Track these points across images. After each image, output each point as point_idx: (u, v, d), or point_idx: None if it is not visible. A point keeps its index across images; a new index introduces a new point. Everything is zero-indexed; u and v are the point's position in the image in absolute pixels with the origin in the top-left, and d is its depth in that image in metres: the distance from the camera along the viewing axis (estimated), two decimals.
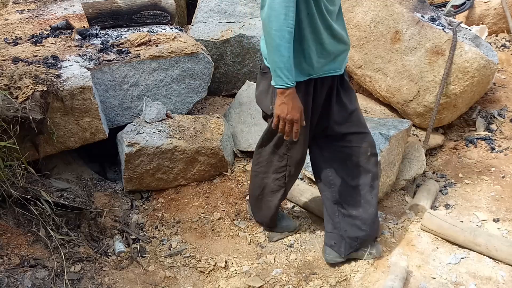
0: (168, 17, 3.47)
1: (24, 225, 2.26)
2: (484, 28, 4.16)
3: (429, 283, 2.19)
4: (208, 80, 3.23)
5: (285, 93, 1.77)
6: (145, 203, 2.82)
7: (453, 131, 3.39)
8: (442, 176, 3.02)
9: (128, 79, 2.94)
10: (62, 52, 2.95)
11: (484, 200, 2.79)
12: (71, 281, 2.09)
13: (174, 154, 2.77)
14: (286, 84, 1.74)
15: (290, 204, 2.76)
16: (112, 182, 2.96)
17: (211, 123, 2.99)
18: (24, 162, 2.29)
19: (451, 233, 2.39)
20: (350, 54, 3.47)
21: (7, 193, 2.19)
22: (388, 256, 2.36)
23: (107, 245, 2.47)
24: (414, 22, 3.08)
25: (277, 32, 1.66)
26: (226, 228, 2.62)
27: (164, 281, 2.26)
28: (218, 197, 2.80)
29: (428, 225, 2.46)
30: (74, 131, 2.61)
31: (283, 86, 1.75)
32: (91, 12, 3.30)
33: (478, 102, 3.48)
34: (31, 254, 2.12)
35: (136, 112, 3.03)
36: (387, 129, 2.74)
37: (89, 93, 2.56)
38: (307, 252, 2.42)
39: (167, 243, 2.51)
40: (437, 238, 2.45)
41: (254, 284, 2.22)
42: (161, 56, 2.99)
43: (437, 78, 2.99)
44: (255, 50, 3.59)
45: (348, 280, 2.24)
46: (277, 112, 1.82)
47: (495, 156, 3.14)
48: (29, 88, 2.32)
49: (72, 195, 2.48)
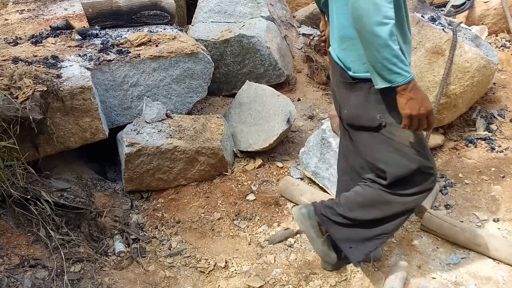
0: (168, 17, 3.47)
1: (24, 225, 2.26)
2: (484, 28, 4.16)
3: (429, 283, 2.19)
4: (208, 80, 3.23)
5: (409, 87, 1.55)
6: (145, 203, 2.82)
7: (453, 131, 3.38)
8: (442, 176, 3.02)
9: (128, 79, 2.94)
10: (62, 52, 2.95)
11: (484, 200, 2.78)
12: (71, 281, 2.09)
13: (174, 154, 2.77)
14: (406, 78, 1.53)
15: (290, 204, 2.76)
16: (112, 182, 2.96)
17: (211, 123, 2.99)
18: (24, 162, 2.29)
19: (451, 233, 2.39)
20: None
21: (7, 193, 2.19)
22: (388, 256, 2.36)
23: (107, 245, 2.47)
24: (414, 22, 3.08)
25: (381, 25, 1.47)
26: (226, 228, 2.62)
27: (164, 281, 2.26)
28: (218, 197, 2.80)
29: (428, 225, 2.46)
30: (74, 131, 2.61)
31: (405, 81, 1.53)
32: (91, 12, 3.30)
33: (478, 102, 3.47)
34: (31, 254, 2.12)
35: (136, 112, 3.03)
36: None
37: (89, 93, 2.56)
38: (307, 252, 2.42)
39: (167, 243, 2.51)
40: (437, 238, 2.45)
41: (254, 284, 2.22)
42: (161, 56, 2.99)
43: (437, 78, 2.99)
44: (255, 50, 3.59)
45: (348, 280, 2.24)
46: (407, 112, 1.58)
47: (495, 156, 3.14)
48: (29, 88, 2.32)
49: (72, 195, 2.48)
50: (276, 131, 2.96)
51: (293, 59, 4.12)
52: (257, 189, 2.85)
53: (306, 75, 4.08)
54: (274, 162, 3.05)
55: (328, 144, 2.67)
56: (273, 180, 2.92)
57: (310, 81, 4.03)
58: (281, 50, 3.82)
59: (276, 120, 3.00)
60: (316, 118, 3.59)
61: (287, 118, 2.95)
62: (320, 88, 3.99)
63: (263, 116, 3.07)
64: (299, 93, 3.91)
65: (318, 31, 4.16)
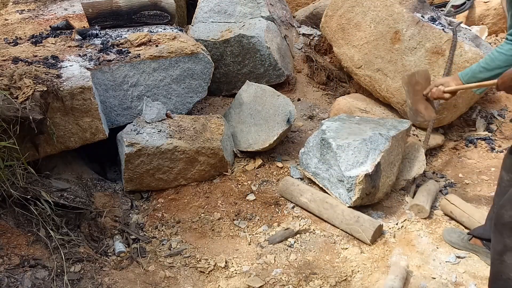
0: (168, 17, 3.47)
1: (24, 225, 2.26)
2: (484, 28, 4.16)
3: (429, 283, 2.19)
4: (208, 80, 3.23)
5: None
6: (145, 203, 2.82)
7: (453, 131, 3.38)
8: (442, 176, 3.02)
9: (128, 79, 2.94)
10: (62, 52, 2.95)
11: (484, 200, 2.79)
12: (71, 281, 2.09)
13: (174, 154, 2.77)
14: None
15: (290, 204, 2.76)
16: (112, 182, 2.96)
17: (211, 123, 2.99)
18: (24, 162, 2.29)
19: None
20: (350, 54, 3.47)
21: (7, 193, 2.19)
22: (388, 256, 2.36)
23: (107, 245, 2.47)
24: (414, 22, 3.08)
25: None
26: (226, 228, 2.62)
27: (164, 281, 2.26)
28: (218, 197, 2.80)
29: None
30: (74, 131, 2.61)
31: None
32: (91, 12, 3.30)
33: (478, 102, 3.48)
34: (31, 254, 2.12)
35: (136, 112, 3.03)
36: (387, 129, 2.74)
37: (89, 93, 2.56)
38: (307, 252, 2.42)
39: (167, 243, 2.51)
40: (437, 238, 2.46)
41: (254, 284, 2.22)
42: (161, 56, 2.99)
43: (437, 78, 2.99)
44: (255, 50, 3.59)
45: (348, 280, 2.24)
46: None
47: (495, 156, 3.14)
48: (29, 88, 2.32)
49: (72, 195, 2.48)
50: (276, 131, 2.96)
51: (293, 59, 4.12)
52: (257, 189, 2.85)
53: (306, 75, 4.08)
54: (274, 162, 3.05)
55: (328, 145, 2.67)
56: (273, 180, 2.92)
57: (310, 81, 4.03)
58: (281, 50, 3.82)
59: (276, 120, 3.00)
60: (316, 118, 3.59)
61: (287, 118, 2.96)
62: (320, 88, 3.99)
63: (263, 116, 3.07)
64: (299, 93, 3.91)
65: (318, 31, 4.16)
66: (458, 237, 2.42)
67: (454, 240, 2.42)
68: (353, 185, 2.52)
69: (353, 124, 2.86)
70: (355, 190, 2.53)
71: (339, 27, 3.50)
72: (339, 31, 3.51)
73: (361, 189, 2.52)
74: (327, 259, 2.38)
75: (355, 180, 2.51)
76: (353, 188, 2.53)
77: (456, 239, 2.42)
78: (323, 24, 3.67)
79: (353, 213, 2.51)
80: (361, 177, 2.50)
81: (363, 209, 2.61)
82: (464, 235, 2.40)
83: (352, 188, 2.53)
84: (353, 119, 2.95)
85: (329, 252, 2.42)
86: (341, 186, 2.60)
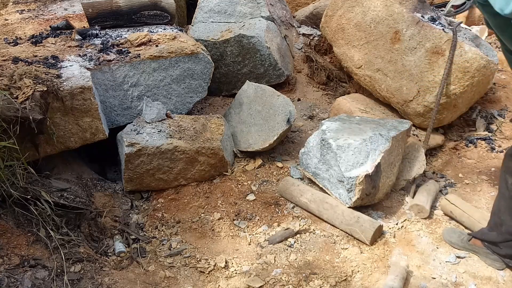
0: (168, 17, 3.47)
1: (24, 225, 2.26)
2: (484, 28, 4.16)
3: (429, 283, 2.19)
4: (208, 80, 3.23)
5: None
6: (145, 203, 2.82)
7: (453, 131, 3.38)
8: (442, 176, 3.02)
9: (128, 79, 2.94)
10: (62, 52, 2.95)
11: (484, 200, 2.79)
12: (71, 281, 2.09)
13: (174, 154, 2.77)
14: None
15: (290, 204, 2.76)
16: (112, 182, 2.96)
17: (211, 123, 2.99)
18: (24, 162, 2.29)
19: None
20: (350, 54, 3.47)
21: (7, 193, 2.19)
22: (388, 256, 2.36)
23: (107, 245, 2.47)
24: (414, 22, 3.08)
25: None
26: (226, 228, 2.62)
27: (164, 281, 2.26)
28: (218, 197, 2.80)
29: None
30: (74, 131, 2.61)
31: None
32: (91, 12, 3.30)
33: (478, 102, 3.47)
34: (31, 254, 2.12)
35: (136, 112, 3.03)
36: (387, 130, 2.74)
37: (89, 93, 2.56)
38: (307, 252, 2.42)
39: (167, 243, 2.51)
40: (437, 238, 2.46)
41: (254, 284, 2.22)
42: (161, 56, 2.99)
43: (437, 78, 2.99)
44: (255, 50, 3.59)
45: (348, 280, 2.24)
46: None
47: (495, 156, 3.14)
48: (29, 88, 2.32)
49: (72, 195, 2.48)
50: (276, 131, 2.96)
51: (293, 59, 4.12)
52: (257, 189, 2.85)
53: (306, 75, 4.08)
54: (274, 162, 3.05)
55: (328, 145, 2.67)
56: (273, 180, 2.92)
57: (310, 81, 4.03)
58: (281, 50, 3.82)
59: (276, 120, 3.00)
60: (316, 118, 3.59)
61: (287, 118, 2.96)
62: (320, 88, 3.98)
63: (263, 116, 3.07)
64: (299, 93, 3.91)
65: (318, 31, 4.16)
66: (458, 237, 2.42)
67: (454, 240, 2.42)
68: (353, 186, 2.52)
69: (353, 124, 2.85)
70: (355, 190, 2.53)
71: (339, 27, 3.50)
72: (339, 31, 3.51)
73: (361, 190, 2.51)
74: (327, 259, 2.38)
75: (355, 180, 2.51)
76: (353, 189, 2.53)
77: (456, 239, 2.42)
78: (323, 24, 3.67)
79: (353, 213, 2.51)
80: (361, 178, 2.50)
81: (363, 209, 2.61)
82: (464, 235, 2.40)
83: (352, 188, 2.53)
84: (353, 119, 2.95)
85: (329, 252, 2.42)
86: (341, 186, 2.60)
